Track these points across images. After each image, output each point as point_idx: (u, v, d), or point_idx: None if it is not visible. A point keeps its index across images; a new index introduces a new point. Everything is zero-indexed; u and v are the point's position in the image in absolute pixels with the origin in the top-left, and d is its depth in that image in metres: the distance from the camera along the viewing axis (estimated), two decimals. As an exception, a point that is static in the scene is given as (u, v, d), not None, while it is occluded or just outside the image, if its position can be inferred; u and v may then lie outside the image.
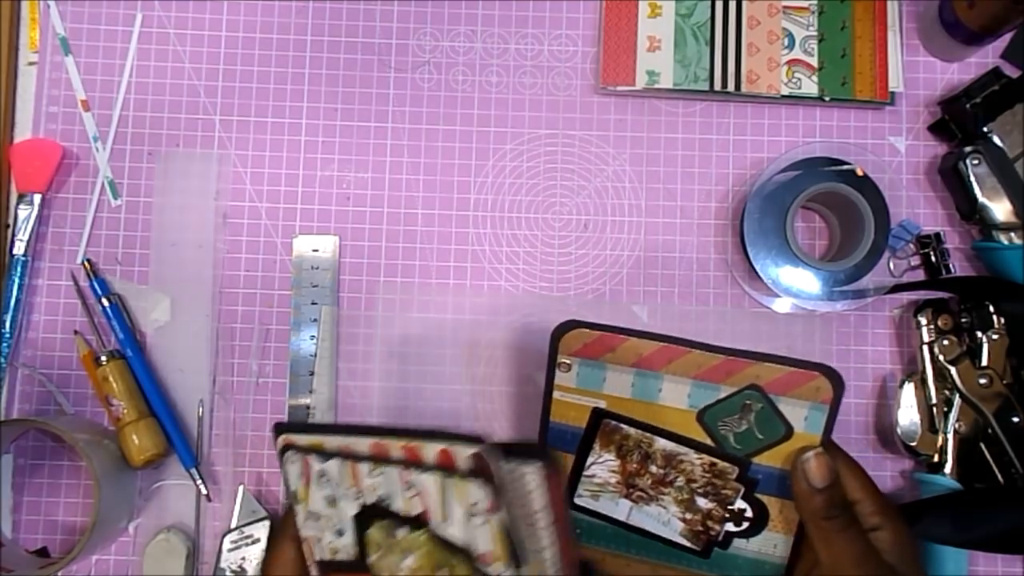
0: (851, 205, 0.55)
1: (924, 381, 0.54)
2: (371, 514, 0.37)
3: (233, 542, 0.54)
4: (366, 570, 0.38)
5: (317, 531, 0.40)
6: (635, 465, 0.46)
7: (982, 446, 0.53)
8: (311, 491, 0.39)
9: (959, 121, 0.56)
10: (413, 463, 0.35)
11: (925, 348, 0.54)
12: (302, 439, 0.40)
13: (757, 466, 0.44)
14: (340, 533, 0.39)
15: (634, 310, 0.57)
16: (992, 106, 0.55)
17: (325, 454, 0.38)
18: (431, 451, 0.35)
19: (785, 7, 0.58)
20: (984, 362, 0.53)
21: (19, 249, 0.56)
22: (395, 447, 0.36)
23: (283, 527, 0.43)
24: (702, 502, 0.45)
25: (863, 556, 0.41)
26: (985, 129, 0.55)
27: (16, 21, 0.58)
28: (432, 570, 0.36)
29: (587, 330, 0.46)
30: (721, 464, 0.45)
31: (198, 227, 0.57)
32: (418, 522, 0.36)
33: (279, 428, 0.41)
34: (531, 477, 0.36)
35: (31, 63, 0.58)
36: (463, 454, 0.34)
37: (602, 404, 0.46)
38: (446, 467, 0.34)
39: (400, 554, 0.37)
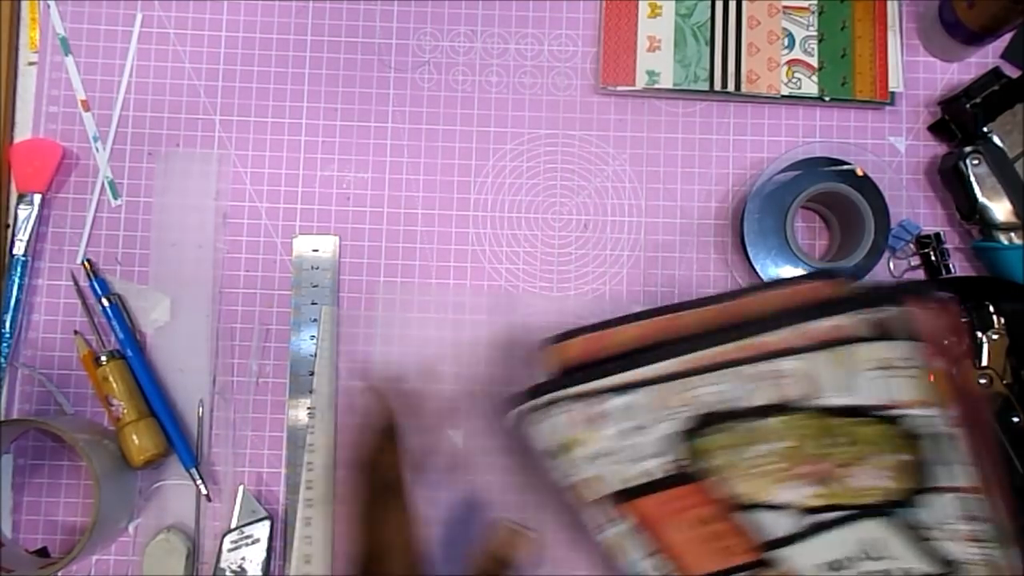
0: (851, 205, 0.55)
1: (924, 381, 0.54)
2: (707, 421, 0.41)
3: (233, 542, 0.54)
4: (682, 482, 0.42)
5: (598, 469, 0.43)
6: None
7: (982, 446, 0.53)
8: (591, 433, 0.42)
9: (959, 121, 0.56)
10: (770, 354, 0.39)
11: (925, 348, 0.54)
12: (572, 391, 0.42)
13: None
14: (639, 460, 0.42)
15: (634, 310, 0.57)
16: (992, 106, 0.55)
17: (614, 391, 0.41)
18: (810, 335, 0.38)
19: (785, 7, 0.58)
20: (984, 362, 0.53)
21: (19, 249, 0.56)
22: (725, 352, 0.40)
23: (392, 490, 0.44)
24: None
25: None
26: (985, 129, 0.55)
27: (16, 21, 0.58)
28: (814, 442, 0.40)
29: (571, 340, 0.45)
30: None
31: (198, 227, 0.57)
32: (777, 409, 0.40)
33: (526, 397, 0.43)
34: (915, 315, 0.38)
35: (31, 63, 0.58)
36: (856, 323, 0.38)
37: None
38: (838, 340, 0.38)
39: (758, 443, 0.41)
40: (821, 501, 0.42)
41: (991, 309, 0.53)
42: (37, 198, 0.56)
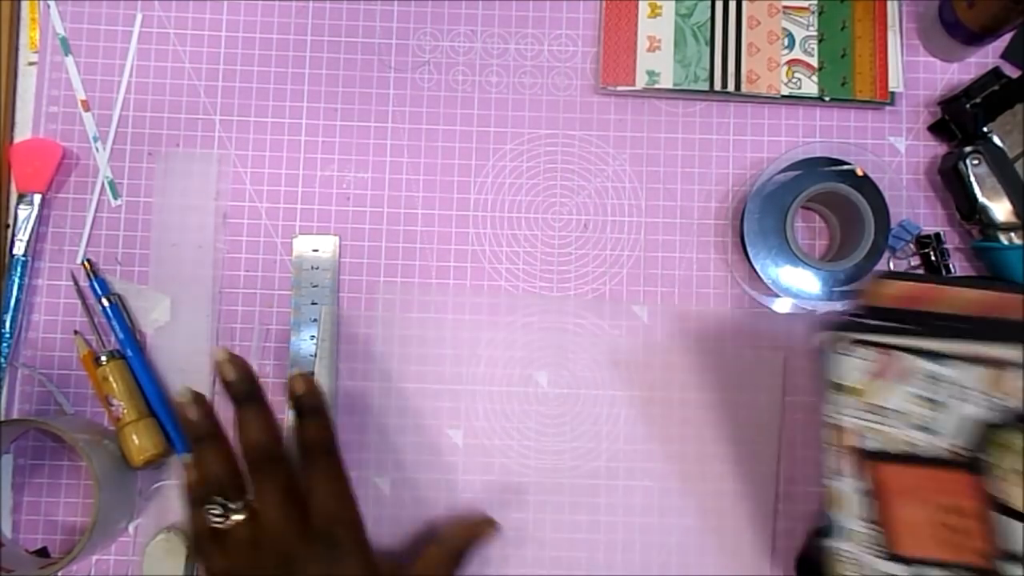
0: (851, 205, 0.55)
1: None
2: (1012, 419, 0.39)
3: (233, 542, 0.54)
4: (953, 466, 0.41)
5: (867, 422, 0.42)
6: None
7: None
8: (883, 386, 0.41)
9: (959, 121, 0.56)
10: None
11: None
12: (878, 338, 0.41)
13: None
14: (920, 430, 0.41)
15: (634, 310, 0.57)
16: (992, 106, 0.55)
17: (936, 355, 0.40)
18: None
19: (785, 7, 0.58)
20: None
21: (19, 249, 0.56)
22: None
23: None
24: None
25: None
26: (985, 129, 0.55)
27: (16, 21, 0.58)
28: None
29: (901, 282, 0.43)
30: None
31: (198, 227, 0.57)
32: None
33: (835, 325, 0.41)
34: None
35: (31, 63, 0.58)
36: None
37: None
38: None
39: None
40: None
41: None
42: (37, 198, 0.56)
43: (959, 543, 0.43)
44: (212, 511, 0.44)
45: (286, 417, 0.53)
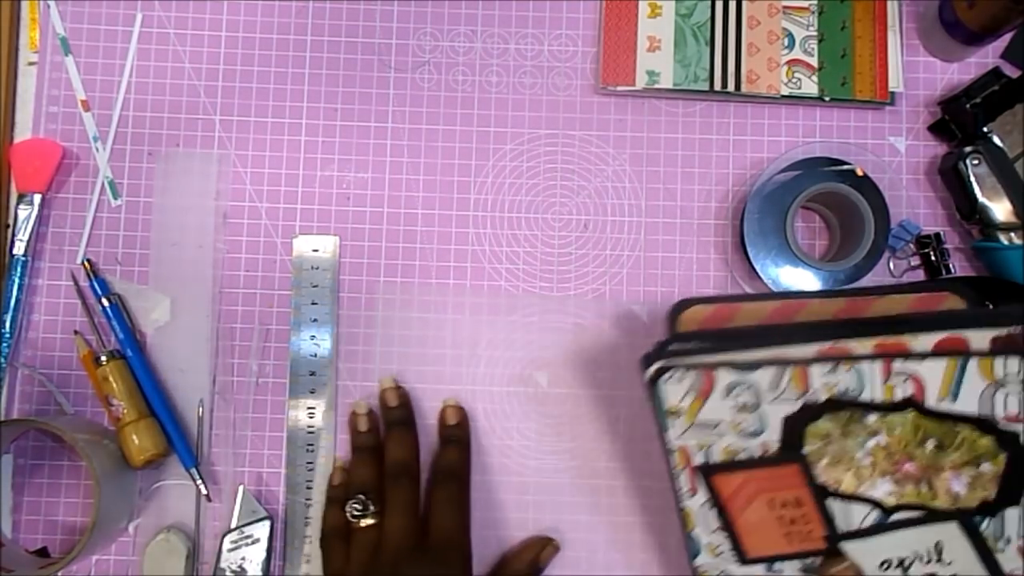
0: (851, 205, 0.55)
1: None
2: (820, 409, 0.43)
3: (233, 542, 0.54)
4: (777, 463, 0.44)
5: (701, 439, 0.45)
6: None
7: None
8: (706, 404, 0.44)
9: (959, 121, 0.56)
10: (898, 354, 0.41)
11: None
12: (691, 360, 0.43)
13: None
14: (754, 434, 0.44)
15: (634, 310, 0.57)
16: (992, 106, 0.55)
17: (745, 365, 0.42)
18: (926, 341, 0.40)
19: (785, 7, 0.58)
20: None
21: (19, 249, 0.56)
22: (861, 346, 0.41)
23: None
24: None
25: None
26: (985, 129, 0.55)
27: (16, 21, 0.58)
28: (912, 441, 0.42)
29: (702, 306, 0.46)
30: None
31: (198, 227, 0.57)
32: (898, 406, 0.42)
33: (652, 357, 0.44)
34: None
35: (31, 63, 0.58)
36: (979, 337, 0.40)
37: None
38: (955, 350, 0.40)
39: (864, 436, 0.43)
40: (905, 500, 0.44)
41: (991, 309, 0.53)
42: (37, 198, 0.56)
43: (799, 533, 0.46)
44: (354, 506, 0.51)
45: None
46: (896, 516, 0.45)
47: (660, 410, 0.45)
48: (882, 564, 0.45)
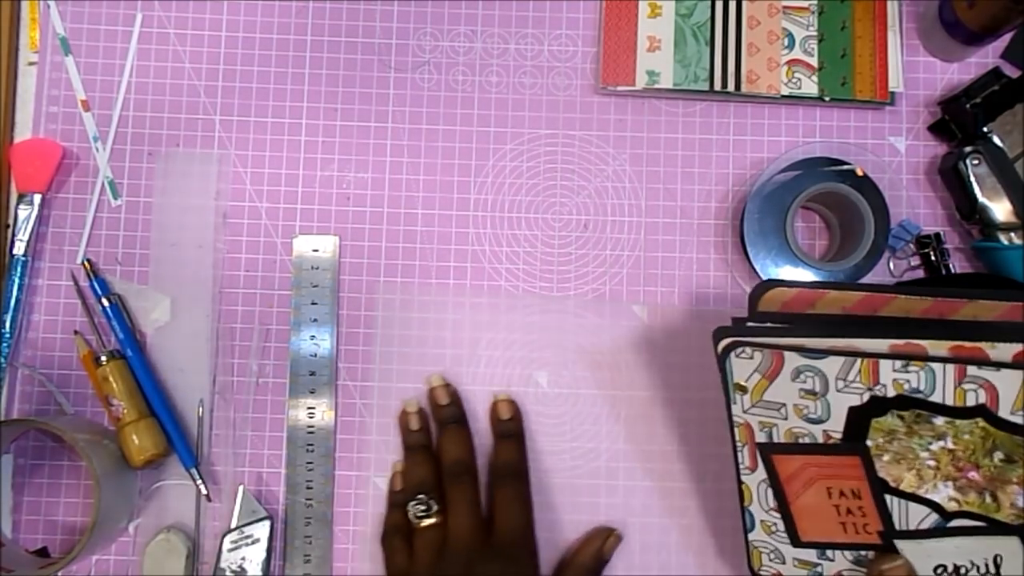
0: (851, 205, 0.55)
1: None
2: (887, 405, 0.42)
3: (233, 542, 0.54)
4: (838, 452, 0.44)
5: (765, 418, 0.45)
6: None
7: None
8: (773, 384, 0.44)
9: (959, 121, 0.56)
10: (975, 360, 0.40)
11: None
12: (762, 340, 0.44)
13: None
14: (817, 421, 0.44)
15: (634, 310, 0.57)
16: (992, 106, 0.55)
17: (814, 352, 0.42)
18: (1005, 351, 0.39)
19: (785, 7, 0.58)
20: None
21: (19, 249, 0.56)
22: (937, 347, 0.41)
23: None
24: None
25: None
26: (985, 129, 0.55)
27: (16, 21, 0.58)
28: (980, 450, 0.42)
29: (786, 288, 0.46)
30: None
31: (198, 227, 0.57)
32: (969, 412, 0.41)
33: (725, 332, 0.45)
34: None
35: (31, 63, 0.58)
36: None
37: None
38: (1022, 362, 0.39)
39: (930, 437, 0.42)
40: (967, 507, 0.43)
41: (991, 309, 0.53)
42: (37, 198, 0.56)
43: (856, 524, 0.46)
44: (418, 507, 0.51)
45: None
46: (956, 522, 0.44)
47: (728, 384, 0.46)
48: (936, 568, 0.45)
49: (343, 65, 0.59)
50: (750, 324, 0.44)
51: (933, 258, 0.56)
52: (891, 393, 0.42)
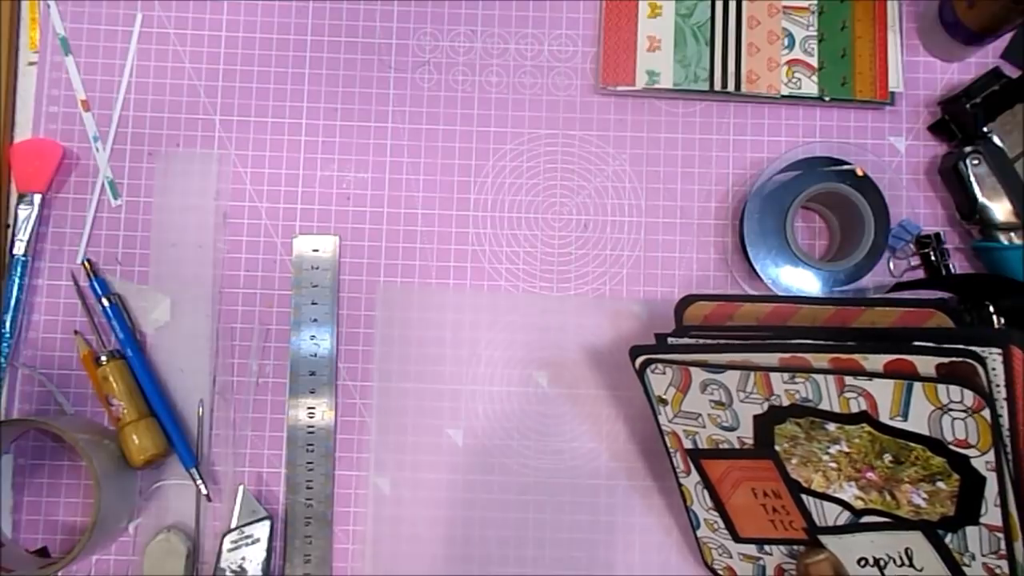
0: (851, 205, 0.55)
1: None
2: (784, 413, 0.45)
3: (233, 542, 0.54)
4: (753, 456, 0.47)
5: (687, 427, 0.49)
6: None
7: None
8: (687, 396, 0.48)
9: (959, 121, 0.56)
10: (850, 371, 0.42)
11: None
12: (672, 357, 0.47)
13: None
14: (730, 428, 0.47)
15: (634, 310, 0.57)
16: (992, 106, 0.55)
17: (714, 367, 0.46)
18: (876, 362, 0.42)
19: (785, 7, 0.58)
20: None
21: (19, 249, 0.56)
22: (818, 359, 0.43)
23: None
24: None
25: None
26: (985, 129, 0.55)
27: (16, 21, 0.58)
28: (871, 452, 0.44)
29: (705, 302, 0.49)
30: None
31: (198, 227, 0.57)
32: (854, 418, 0.43)
33: (639, 350, 0.48)
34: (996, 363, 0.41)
35: (31, 63, 0.58)
36: (927, 363, 0.41)
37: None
38: (902, 373, 0.41)
39: (827, 442, 0.45)
40: (872, 505, 0.46)
41: (991, 309, 0.53)
42: (37, 198, 0.56)
43: (783, 521, 0.49)
44: None
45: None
46: (866, 519, 0.46)
47: (650, 397, 0.49)
48: (860, 561, 0.47)
49: (343, 65, 0.59)
50: (671, 341, 0.48)
51: (933, 258, 0.56)
52: (785, 402, 0.45)
